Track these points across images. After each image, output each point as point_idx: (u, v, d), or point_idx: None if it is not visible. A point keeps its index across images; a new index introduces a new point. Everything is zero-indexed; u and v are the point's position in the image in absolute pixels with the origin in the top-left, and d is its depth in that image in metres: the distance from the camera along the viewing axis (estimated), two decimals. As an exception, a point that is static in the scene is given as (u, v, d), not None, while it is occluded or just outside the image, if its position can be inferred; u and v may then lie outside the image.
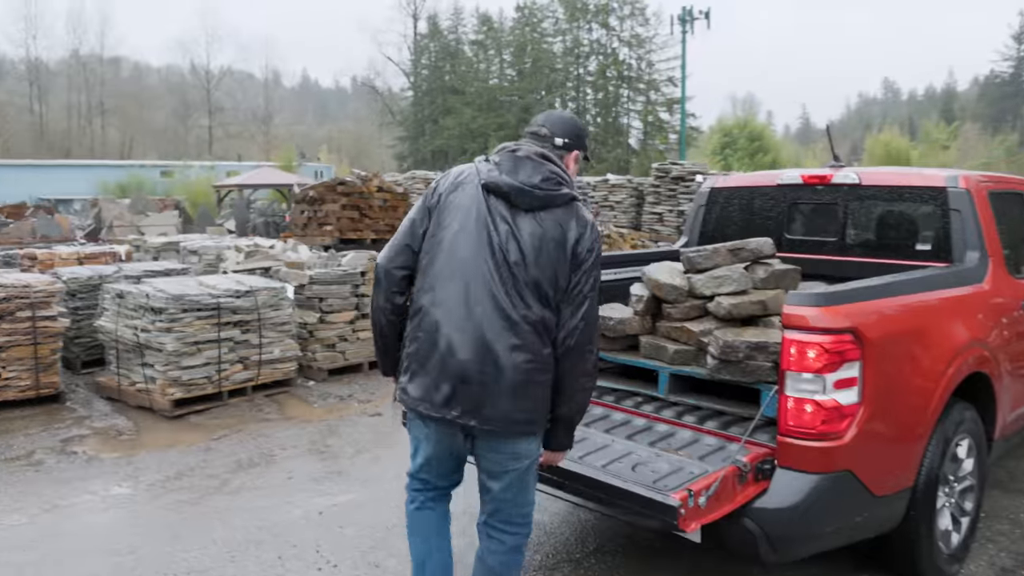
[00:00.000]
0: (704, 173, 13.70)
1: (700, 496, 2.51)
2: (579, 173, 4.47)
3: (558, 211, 2.41)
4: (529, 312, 2.34)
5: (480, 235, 2.39)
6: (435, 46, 61.74)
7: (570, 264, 2.38)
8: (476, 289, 2.35)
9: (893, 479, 2.98)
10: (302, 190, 10.92)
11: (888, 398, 2.88)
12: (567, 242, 2.38)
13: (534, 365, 2.34)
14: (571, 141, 2.62)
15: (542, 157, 2.48)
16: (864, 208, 4.27)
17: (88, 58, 66.09)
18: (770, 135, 53.93)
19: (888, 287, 3.02)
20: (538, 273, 2.35)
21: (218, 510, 4.18)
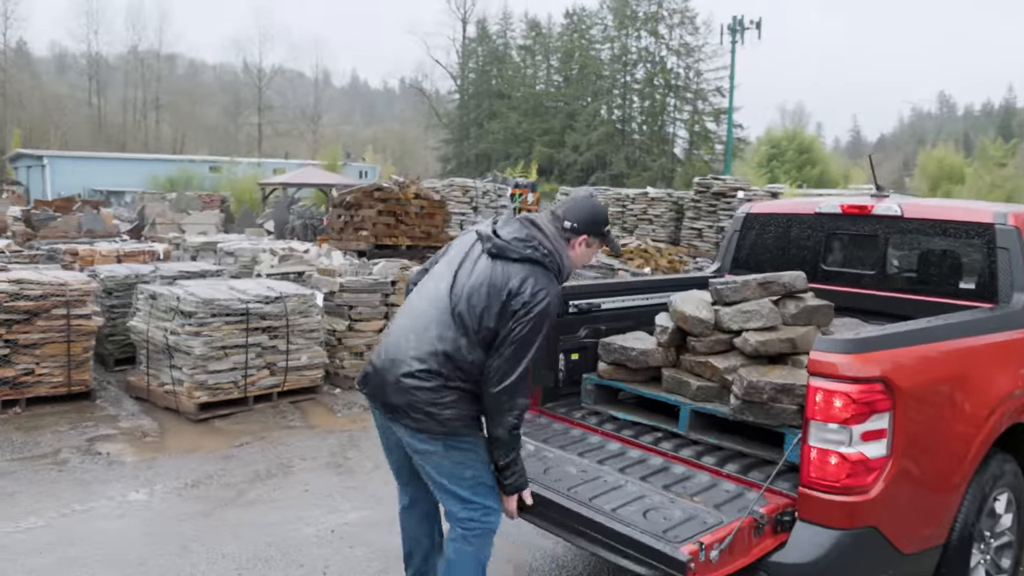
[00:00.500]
0: (745, 189, 13.44)
1: (712, 550, 2.39)
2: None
3: (513, 264, 2.66)
4: (446, 335, 2.64)
5: (451, 268, 2.78)
6: (483, 50, 61.97)
7: (500, 311, 2.60)
8: (425, 307, 2.74)
9: (923, 536, 2.81)
10: (340, 194, 10.96)
11: (920, 451, 2.72)
12: (503, 290, 2.61)
13: (427, 382, 2.62)
14: (579, 226, 2.82)
15: (533, 224, 2.76)
16: (906, 241, 4.09)
17: (146, 54, 67.66)
18: (819, 148, 53.07)
19: (924, 332, 2.86)
20: (465, 308, 2.64)
21: (230, 523, 4.16)
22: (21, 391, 6.11)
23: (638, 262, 10.34)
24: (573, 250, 2.83)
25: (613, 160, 52.74)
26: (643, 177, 49.92)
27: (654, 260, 10.61)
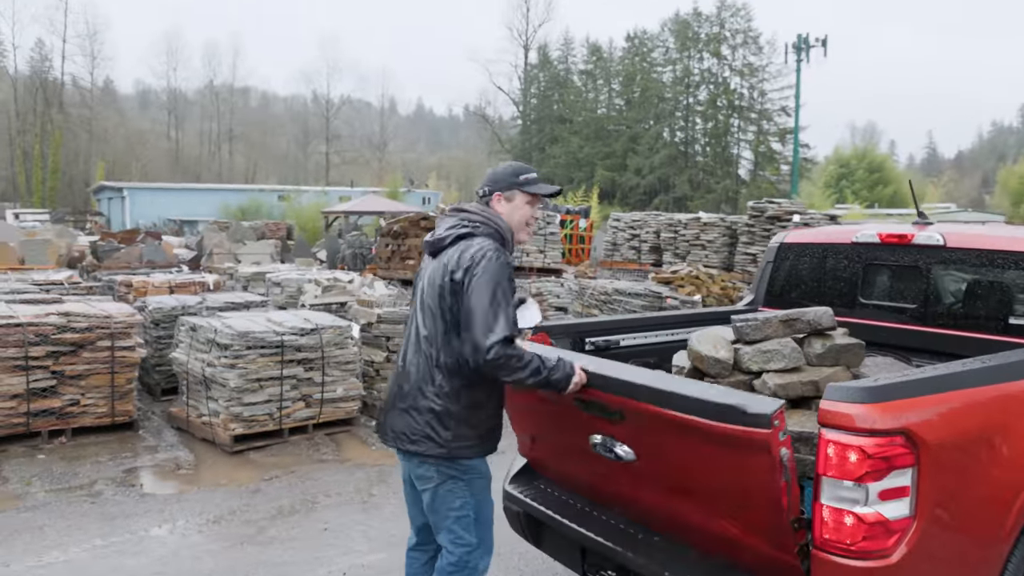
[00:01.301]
0: (802, 213, 13.00)
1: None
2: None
3: (449, 250, 2.79)
4: (425, 331, 2.79)
5: (416, 293, 2.96)
6: (544, 76, 62.38)
7: (451, 286, 2.70)
8: (410, 332, 2.93)
9: (957, 605, 2.55)
10: (388, 224, 11.03)
11: (951, 512, 2.46)
12: (446, 273, 2.73)
13: (420, 388, 2.77)
14: (489, 187, 2.93)
15: (459, 209, 2.90)
16: (950, 273, 3.80)
17: (220, 88, 70.52)
18: (891, 166, 51.38)
19: (955, 377, 2.61)
20: (431, 302, 2.78)
21: (246, 563, 4.11)
22: (67, 421, 6.25)
23: (689, 289, 10.05)
24: (496, 210, 2.89)
25: (676, 183, 52.18)
26: (707, 199, 49.23)
27: (706, 287, 10.30)
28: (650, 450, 2.78)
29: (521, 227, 2.92)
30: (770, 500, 2.37)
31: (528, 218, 2.93)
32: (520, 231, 2.92)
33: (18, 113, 55.35)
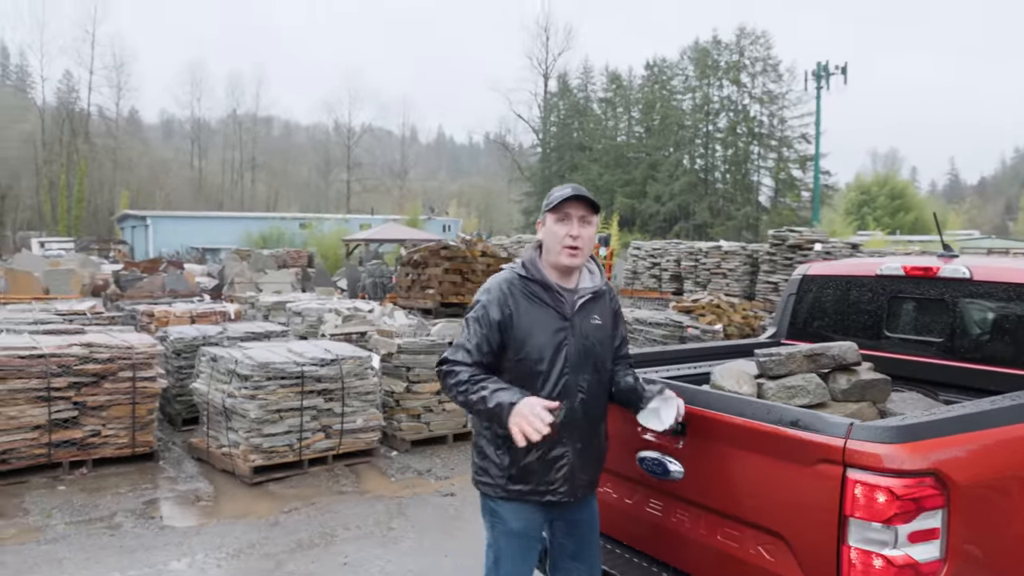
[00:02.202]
0: (823, 241, 12.91)
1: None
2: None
3: None
4: None
5: None
6: (564, 104, 62.78)
7: None
8: None
9: (992, 651, 2.47)
10: (408, 253, 11.07)
11: (984, 552, 2.40)
12: None
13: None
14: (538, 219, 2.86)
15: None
16: (977, 306, 3.74)
17: (243, 117, 71.62)
18: (913, 192, 51.08)
19: (986, 416, 2.55)
20: None
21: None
22: (88, 452, 6.28)
23: (710, 318, 10.00)
24: (540, 235, 2.80)
25: (696, 210, 52.11)
26: (727, 226, 49.07)
27: (727, 316, 10.23)
28: (702, 466, 2.81)
29: (556, 249, 2.69)
30: (827, 518, 2.37)
31: (561, 237, 2.67)
32: (556, 254, 2.69)
33: (45, 143, 56.51)
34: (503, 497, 2.68)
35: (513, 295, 2.66)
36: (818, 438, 2.42)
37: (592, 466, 2.77)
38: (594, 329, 2.74)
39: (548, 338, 2.64)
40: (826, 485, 2.38)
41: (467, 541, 4.88)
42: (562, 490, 2.67)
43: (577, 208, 2.68)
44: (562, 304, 2.69)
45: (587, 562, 2.88)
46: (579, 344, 2.68)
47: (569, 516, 2.81)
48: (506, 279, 2.72)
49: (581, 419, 2.68)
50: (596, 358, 2.72)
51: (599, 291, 2.80)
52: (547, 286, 2.69)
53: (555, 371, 2.64)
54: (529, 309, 2.65)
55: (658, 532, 3.04)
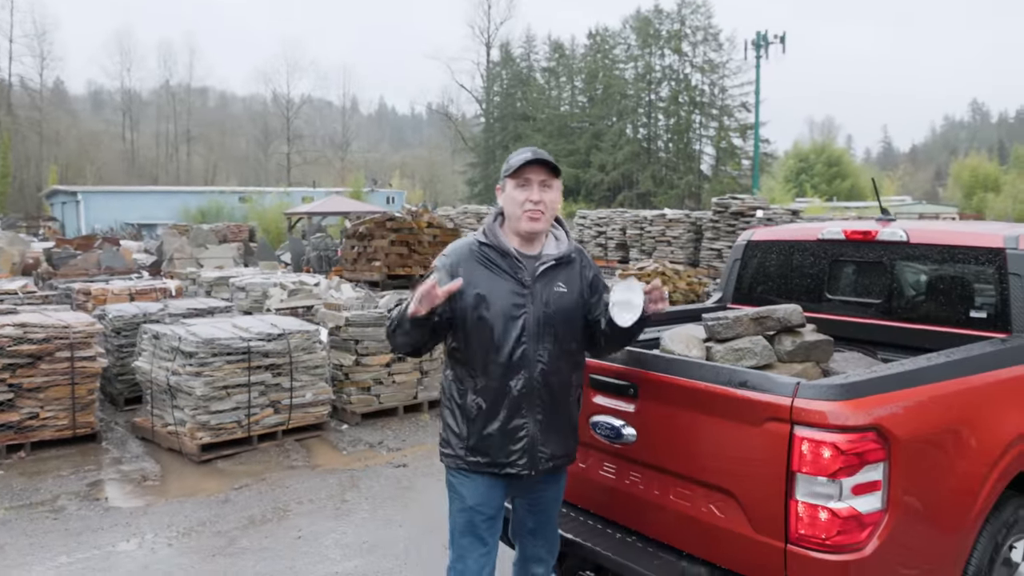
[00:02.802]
0: (765, 208, 13.16)
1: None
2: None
3: None
4: None
5: None
6: (507, 73, 62.37)
7: None
8: None
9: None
10: (353, 225, 10.93)
11: (921, 502, 2.51)
12: None
13: None
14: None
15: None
16: (913, 268, 3.87)
17: (177, 88, 69.35)
18: (849, 160, 52.44)
19: (923, 372, 2.66)
20: None
21: (218, 575, 4.04)
22: (26, 435, 6.09)
23: (655, 286, 10.11)
24: (500, 201, 2.72)
25: (640, 179, 52.57)
26: (670, 195, 49.66)
27: (672, 283, 10.38)
28: (654, 428, 2.86)
29: (516, 214, 2.62)
30: (775, 473, 2.45)
31: (521, 202, 2.59)
32: (517, 220, 2.62)
33: (-37, 115, 53.85)
34: (463, 469, 2.65)
35: (468, 260, 2.60)
36: (766, 398, 2.48)
37: (555, 440, 2.67)
38: (557, 297, 2.63)
39: (504, 306, 2.56)
40: (774, 443, 2.45)
41: (420, 511, 4.91)
42: (521, 462, 2.61)
43: (537, 172, 2.61)
44: (520, 271, 2.61)
45: (545, 538, 2.88)
46: (538, 312, 2.59)
47: (532, 494, 2.78)
48: (466, 244, 2.68)
49: (541, 390, 2.61)
50: (558, 327, 2.62)
51: (565, 257, 2.70)
52: (505, 252, 2.62)
53: (510, 340, 2.56)
54: (484, 276, 2.59)
55: (612, 495, 3.09)
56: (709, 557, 2.73)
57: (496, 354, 2.57)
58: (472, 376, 2.61)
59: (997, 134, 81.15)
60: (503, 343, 2.57)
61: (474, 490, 2.66)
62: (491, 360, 2.57)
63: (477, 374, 2.60)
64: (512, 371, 2.57)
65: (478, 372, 2.59)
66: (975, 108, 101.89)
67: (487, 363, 2.57)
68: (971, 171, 45.19)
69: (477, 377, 2.60)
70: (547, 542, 2.89)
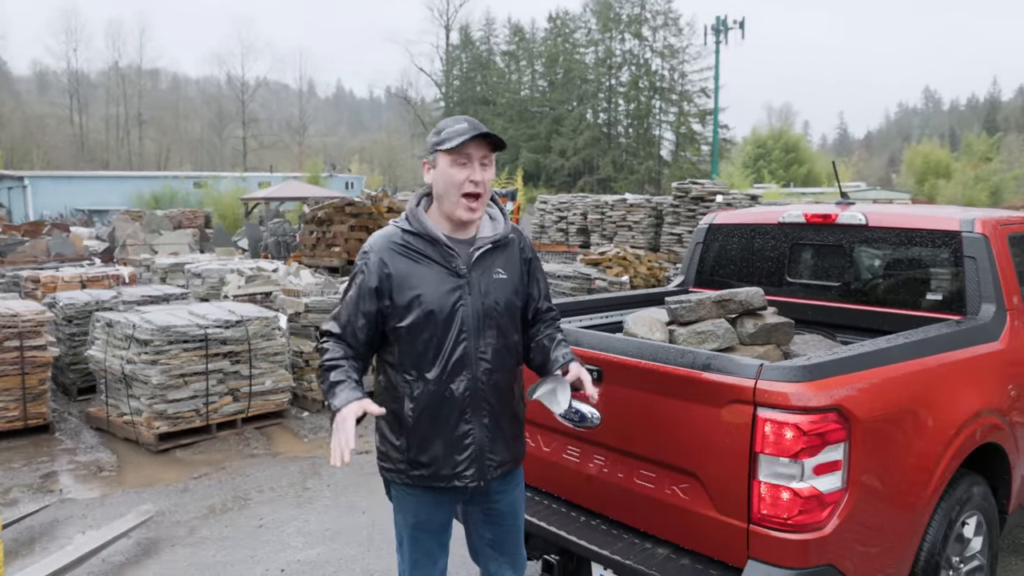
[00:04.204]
0: (724, 193, 13.30)
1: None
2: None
3: None
4: None
5: None
6: (467, 57, 61.98)
7: None
8: None
9: (884, 570, 2.65)
10: (311, 210, 10.78)
11: (879, 481, 2.56)
12: None
13: None
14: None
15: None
16: (872, 251, 3.94)
17: (127, 70, 67.51)
18: (805, 146, 53.22)
19: (882, 354, 2.70)
20: None
21: (178, 566, 3.98)
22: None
23: (616, 270, 10.18)
24: (429, 178, 2.40)
25: (600, 164, 52.76)
26: (630, 180, 49.94)
27: (633, 267, 10.45)
28: (618, 411, 2.84)
29: (452, 197, 2.31)
30: (738, 455, 2.46)
31: (460, 182, 2.29)
32: (453, 204, 2.32)
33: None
34: (406, 483, 2.40)
35: (393, 254, 2.31)
36: (730, 380, 2.50)
37: (503, 446, 2.42)
38: (497, 285, 2.36)
39: (439, 300, 2.28)
40: (737, 424, 2.47)
41: (383, 497, 4.85)
42: (468, 473, 2.34)
43: (479, 148, 2.31)
44: (453, 259, 2.32)
45: (508, 553, 2.60)
46: (477, 304, 2.32)
47: (484, 503, 2.50)
48: (387, 235, 2.37)
49: (487, 391, 2.34)
50: (500, 318, 2.36)
51: (502, 239, 2.42)
52: (433, 240, 2.33)
53: (450, 338, 2.29)
54: (413, 269, 2.30)
55: (576, 478, 3.10)
56: (673, 538, 2.75)
57: (434, 355, 2.29)
58: (407, 381, 2.32)
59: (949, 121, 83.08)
60: (443, 343, 2.29)
61: (419, 506, 2.43)
62: (428, 362, 2.30)
63: (413, 378, 2.31)
64: (453, 373, 2.29)
65: (414, 376, 2.31)
66: (928, 95, 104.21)
67: (423, 366, 2.30)
68: (923, 158, 46.19)
69: (413, 382, 2.31)
70: (511, 558, 2.60)
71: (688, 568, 2.64)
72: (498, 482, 2.46)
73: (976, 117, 75.45)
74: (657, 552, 2.74)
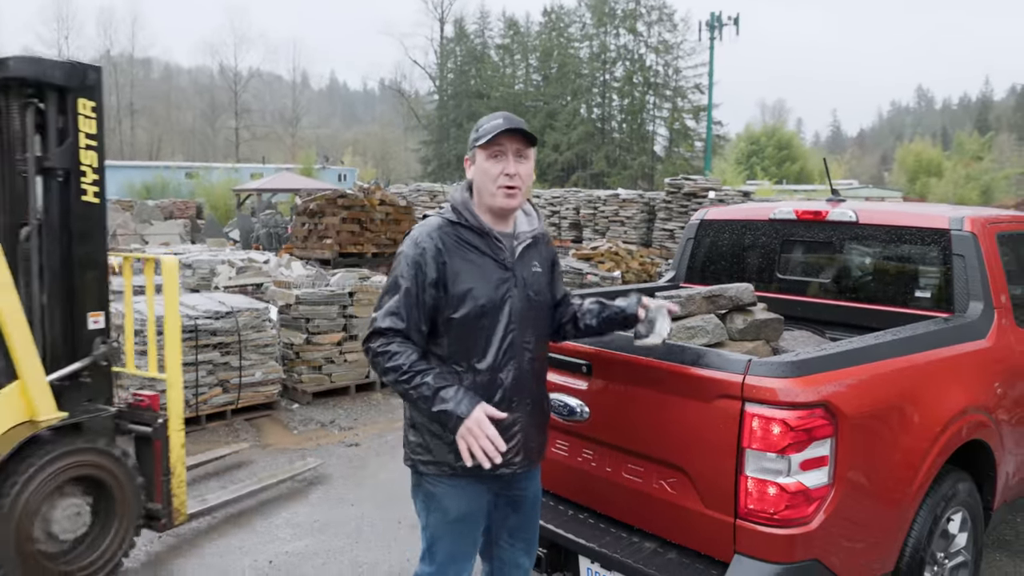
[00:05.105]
0: (717, 189, 13.33)
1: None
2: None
3: None
4: None
5: None
6: (461, 50, 61.79)
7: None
8: None
9: (870, 565, 2.67)
10: (303, 202, 10.75)
11: (865, 477, 2.57)
12: None
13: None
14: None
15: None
16: (862, 248, 3.95)
17: (119, 59, 67.03)
18: (799, 143, 53.36)
19: (869, 351, 2.71)
20: None
21: (163, 557, 3.97)
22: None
23: (608, 265, 10.19)
24: (470, 174, 2.43)
25: (593, 159, 52.76)
26: (624, 175, 49.96)
27: (625, 263, 10.46)
28: (607, 405, 2.86)
29: (490, 189, 2.35)
30: (725, 450, 2.47)
31: (495, 175, 2.33)
32: (491, 195, 2.35)
33: None
34: (449, 475, 2.37)
35: (447, 246, 2.32)
36: (718, 375, 2.51)
37: (542, 430, 2.54)
38: (536, 278, 2.46)
39: (490, 292, 2.32)
40: (725, 419, 2.48)
41: (373, 490, 4.88)
42: (517, 460, 2.40)
43: (513, 141, 2.34)
44: (501, 252, 2.37)
45: (526, 540, 2.66)
46: (523, 296, 2.39)
47: (513, 492, 2.54)
48: (436, 227, 2.37)
49: (529, 379, 2.42)
50: (540, 310, 2.47)
51: (539, 235, 2.52)
52: (483, 232, 2.37)
53: (499, 329, 2.34)
54: (465, 260, 2.33)
55: (565, 472, 3.10)
56: (660, 532, 2.76)
57: (485, 345, 2.33)
58: (457, 373, 2.33)
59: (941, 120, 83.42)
60: (492, 334, 2.33)
61: (461, 499, 2.40)
62: (479, 352, 2.33)
63: (463, 369, 2.33)
64: (502, 363, 2.34)
65: (464, 368, 2.33)
66: (920, 94, 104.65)
67: (474, 356, 2.33)
68: (915, 156, 46.42)
69: (463, 373, 2.33)
70: (526, 544, 2.67)
71: (675, 562, 2.65)
72: (531, 469, 2.55)
73: (968, 116, 75.79)
74: (644, 546, 2.75)
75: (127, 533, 3.64)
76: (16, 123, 3.48)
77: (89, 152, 3.66)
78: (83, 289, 3.72)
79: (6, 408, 3.29)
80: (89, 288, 3.75)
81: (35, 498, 3.29)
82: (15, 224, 3.54)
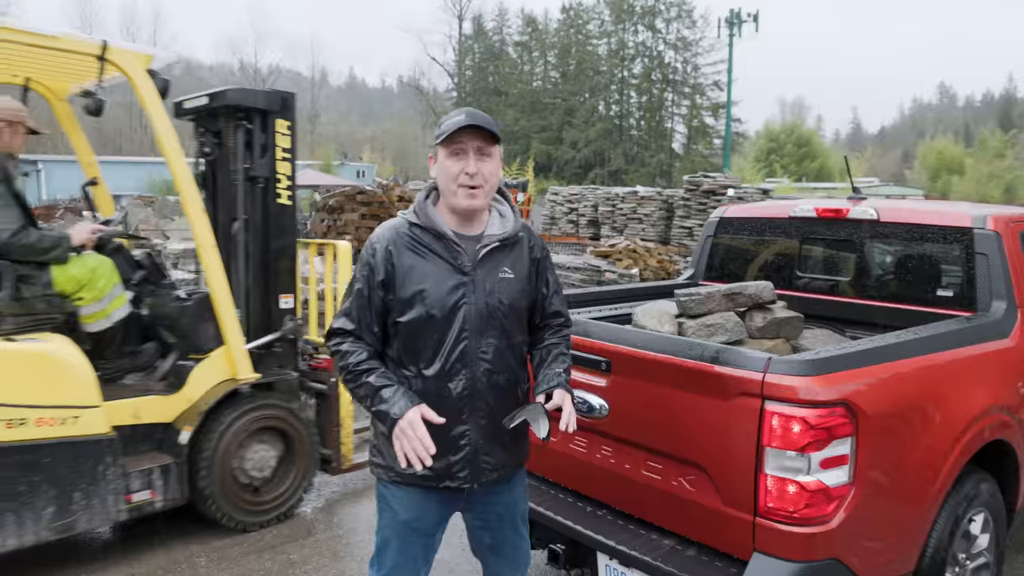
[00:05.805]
0: (736, 186, 13.26)
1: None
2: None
3: None
4: None
5: None
6: (479, 47, 61.87)
7: None
8: None
9: (891, 565, 2.66)
10: (323, 198, 10.82)
11: (886, 477, 2.56)
12: None
13: None
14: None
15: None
16: (883, 246, 3.92)
17: (141, 56, 67.43)
18: (818, 141, 52.87)
19: (891, 349, 2.69)
20: None
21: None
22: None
23: (626, 263, 10.18)
24: (433, 172, 2.32)
25: (611, 156, 52.64)
26: (641, 172, 49.82)
27: (643, 260, 10.43)
28: (626, 402, 2.86)
29: (450, 188, 2.24)
30: (745, 448, 2.46)
31: (455, 174, 2.21)
32: (452, 195, 2.24)
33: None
34: (395, 481, 2.32)
35: (398, 247, 2.24)
36: (738, 373, 2.50)
37: (501, 448, 2.33)
38: (502, 284, 2.29)
39: (441, 297, 2.21)
40: (745, 417, 2.47)
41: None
42: (462, 474, 2.27)
43: (474, 138, 2.22)
44: (459, 255, 2.25)
45: (507, 556, 2.54)
46: (481, 302, 2.25)
47: (478, 507, 2.43)
48: (394, 227, 2.29)
49: (485, 391, 2.27)
50: (504, 319, 2.29)
51: (511, 238, 2.34)
52: (439, 234, 2.25)
53: (450, 336, 2.22)
54: (417, 263, 2.23)
55: (583, 468, 3.11)
56: (679, 530, 2.76)
57: (433, 352, 2.23)
58: (406, 377, 2.26)
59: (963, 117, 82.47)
60: (442, 340, 2.23)
61: (407, 503, 2.34)
62: (427, 359, 2.24)
63: (412, 375, 2.25)
64: (452, 372, 2.23)
65: (413, 373, 2.25)
66: (943, 91, 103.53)
67: (422, 362, 2.25)
68: (937, 154, 45.92)
69: (412, 378, 2.25)
70: (510, 561, 2.55)
71: (693, 559, 2.65)
72: (495, 485, 2.38)
73: (991, 113, 74.84)
74: (663, 543, 2.75)
75: (307, 472, 4.40)
76: (231, 140, 4.29)
77: (284, 163, 4.43)
78: (277, 275, 4.41)
79: (215, 368, 4.09)
80: (282, 274, 4.43)
81: (234, 441, 4.07)
82: (229, 220, 4.30)
